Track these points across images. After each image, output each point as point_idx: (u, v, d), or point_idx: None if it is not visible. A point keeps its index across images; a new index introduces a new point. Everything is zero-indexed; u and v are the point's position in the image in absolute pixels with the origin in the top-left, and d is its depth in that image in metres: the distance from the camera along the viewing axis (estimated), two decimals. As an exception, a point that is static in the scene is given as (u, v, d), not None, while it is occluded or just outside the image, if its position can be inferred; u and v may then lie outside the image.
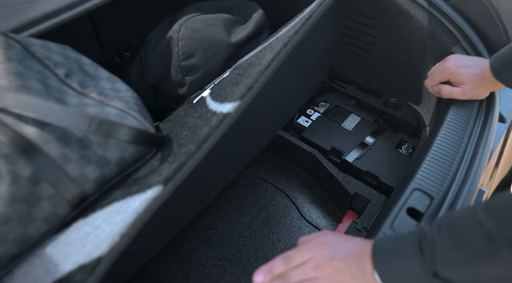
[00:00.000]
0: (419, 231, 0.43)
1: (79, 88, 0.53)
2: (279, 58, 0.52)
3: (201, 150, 0.46)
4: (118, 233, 0.40)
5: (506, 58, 0.65)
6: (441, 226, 0.41)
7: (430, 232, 0.42)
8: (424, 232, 0.42)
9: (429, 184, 0.61)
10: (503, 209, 0.36)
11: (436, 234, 0.41)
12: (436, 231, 0.41)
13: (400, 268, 0.42)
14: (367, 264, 0.45)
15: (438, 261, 0.39)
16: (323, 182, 1.01)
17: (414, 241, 0.42)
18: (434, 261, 0.39)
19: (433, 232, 0.41)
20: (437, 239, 0.40)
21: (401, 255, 0.42)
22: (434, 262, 0.39)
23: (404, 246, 0.43)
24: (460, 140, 0.67)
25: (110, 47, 1.06)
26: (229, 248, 0.93)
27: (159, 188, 0.43)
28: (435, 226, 0.42)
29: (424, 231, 0.42)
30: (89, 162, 0.47)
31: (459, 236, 0.39)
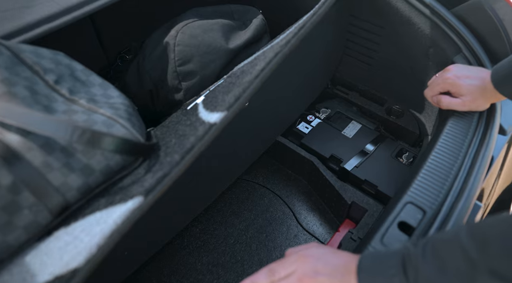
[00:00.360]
0: (404, 251, 0.42)
1: (68, 95, 0.53)
2: (268, 68, 0.52)
3: (185, 160, 0.46)
4: (95, 244, 0.40)
5: (507, 70, 0.63)
6: (426, 248, 0.40)
7: (414, 253, 0.41)
8: (409, 252, 0.42)
9: (422, 197, 0.59)
10: (487, 235, 0.35)
11: (420, 256, 0.40)
12: (421, 253, 0.40)
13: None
14: (352, 280, 0.44)
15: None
16: (321, 189, 1.00)
17: (399, 262, 0.42)
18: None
19: (418, 253, 0.41)
20: (421, 261, 0.39)
21: (385, 275, 0.42)
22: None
23: (389, 266, 0.42)
24: (457, 153, 0.65)
25: (112, 50, 1.07)
26: (224, 254, 0.93)
27: (140, 199, 0.43)
28: (420, 247, 0.41)
29: (409, 251, 0.42)
30: (73, 170, 0.46)
31: (443, 259, 0.38)
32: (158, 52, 0.77)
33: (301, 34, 0.55)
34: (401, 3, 0.86)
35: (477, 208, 0.63)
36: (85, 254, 0.40)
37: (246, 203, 1.03)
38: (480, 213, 0.64)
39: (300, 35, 0.55)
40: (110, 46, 1.06)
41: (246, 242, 0.95)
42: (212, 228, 0.98)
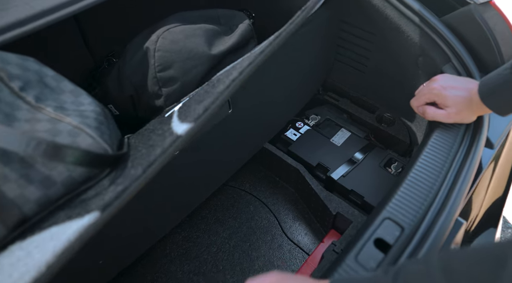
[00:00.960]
0: (373, 278, 0.40)
1: (34, 103, 0.51)
2: (239, 79, 0.50)
3: (146, 174, 0.44)
4: (45, 262, 0.38)
5: (495, 82, 0.61)
6: (397, 279, 0.38)
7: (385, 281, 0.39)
8: (378, 280, 0.39)
9: (401, 213, 0.58)
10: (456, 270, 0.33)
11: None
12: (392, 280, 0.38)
13: None
14: None
15: None
16: (308, 198, 0.98)
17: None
18: None
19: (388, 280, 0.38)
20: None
21: None
22: None
23: None
24: (440, 168, 0.63)
25: (100, 53, 1.06)
26: (206, 263, 0.91)
27: (96, 215, 0.41)
28: (391, 276, 0.39)
29: (379, 280, 0.39)
30: (31, 182, 0.45)
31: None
32: (139, 57, 0.75)
33: (276, 43, 0.53)
34: (390, 10, 0.84)
35: (458, 224, 0.61)
36: (33, 273, 0.38)
37: (231, 210, 1.01)
38: (463, 229, 0.62)
39: (276, 44, 0.53)
40: (97, 49, 1.04)
41: (229, 251, 0.93)
42: (195, 235, 0.96)
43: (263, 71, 0.84)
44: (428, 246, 0.54)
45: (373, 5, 0.86)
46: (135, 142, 0.62)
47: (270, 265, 0.91)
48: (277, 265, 0.91)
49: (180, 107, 0.64)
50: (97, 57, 1.06)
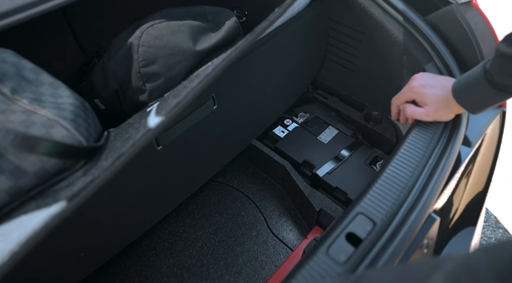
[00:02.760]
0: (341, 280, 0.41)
1: (9, 94, 0.52)
2: (212, 74, 0.50)
3: (114, 166, 0.45)
4: (9, 251, 0.39)
5: (467, 81, 0.61)
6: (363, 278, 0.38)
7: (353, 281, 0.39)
8: None
9: (374, 208, 0.58)
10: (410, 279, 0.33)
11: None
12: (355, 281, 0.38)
13: None
14: None
15: None
16: (293, 194, 0.99)
17: None
18: None
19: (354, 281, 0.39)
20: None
21: None
22: None
23: None
24: (416, 164, 0.63)
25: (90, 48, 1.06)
26: (191, 257, 0.92)
27: (63, 204, 0.42)
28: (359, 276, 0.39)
29: None
30: (1, 172, 0.46)
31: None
32: (123, 53, 0.76)
33: (251, 39, 0.54)
34: (375, 9, 0.84)
35: (431, 220, 0.61)
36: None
37: (218, 206, 1.02)
38: (437, 225, 0.63)
39: (250, 40, 0.54)
40: (87, 44, 1.05)
41: (214, 246, 0.94)
42: (181, 230, 0.97)
43: (252, 68, 0.85)
44: (398, 240, 0.55)
45: (359, 3, 0.87)
46: (114, 135, 0.63)
47: (254, 260, 0.92)
48: (261, 260, 0.91)
49: (159, 103, 0.64)
50: (87, 52, 1.07)
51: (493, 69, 0.57)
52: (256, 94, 0.92)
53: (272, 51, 0.88)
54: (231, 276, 0.89)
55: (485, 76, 0.58)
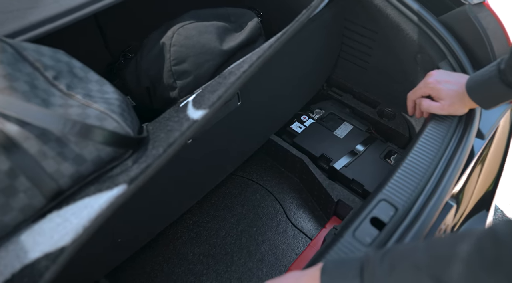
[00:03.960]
0: (364, 257, 0.45)
1: (65, 90, 0.57)
2: (250, 70, 0.55)
3: (166, 153, 0.50)
4: (82, 226, 0.44)
5: (480, 78, 0.66)
6: (385, 255, 0.43)
7: (373, 259, 0.43)
8: (368, 258, 0.44)
9: (396, 195, 0.63)
10: (438, 247, 0.38)
11: (378, 262, 0.42)
12: (379, 259, 0.43)
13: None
14: None
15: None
16: (311, 187, 1.04)
17: (358, 265, 0.44)
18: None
19: (376, 259, 0.43)
20: (377, 266, 0.42)
21: (344, 277, 0.44)
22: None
23: (348, 269, 0.45)
24: (434, 154, 0.68)
25: (116, 48, 1.12)
26: (215, 246, 0.97)
27: (124, 187, 0.47)
28: (380, 254, 0.43)
29: (368, 257, 0.44)
30: (66, 159, 0.51)
31: (395, 265, 0.40)
32: (155, 52, 0.81)
33: (283, 39, 0.59)
34: (391, 10, 0.89)
35: (448, 206, 0.66)
36: (72, 234, 0.44)
37: (239, 198, 1.07)
38: (453, 211, 0.67)
39: (283, 40, 0.59)
40: (114, 45, 1.11)
41: (236, 235, 0.99)
42: (205, 220, 1.02)
43: (272, 67, 0.90)
44: (419, 225, 0.59)
45: (375, 4, 0.91)
46: (152, 129, 0.68)
47: (275, 248, 0.97)
48: (282, 248, 0.96)
49: (194, 97, 0.69)
50: (113, 52, 1.12)
51: (508, 69, 0.61)
52: (277, 91, 0.97)
53: (292, 50, 0.92)
54: (254, 263, 0.94)
55: (499, 76, 0.63)
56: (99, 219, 0.45)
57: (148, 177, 0.48)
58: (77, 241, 0.44)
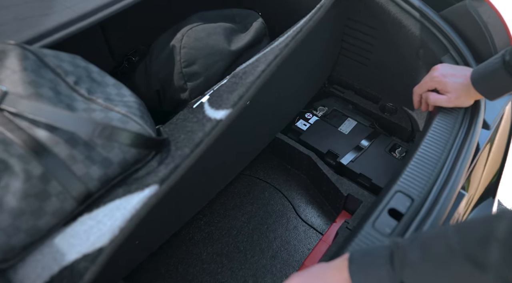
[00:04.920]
0: (392, 244, 0.46)
1: (87, 95, 0.58)
2: (269, 69, 0.57)
3: (194, 153, 0.51)
4: (117, 227, 0.45)
5: (485, 70, 0.68)
6: (414, 240, 0.44)
7: (402, 245, 0.45)
8: (397, 245, 0.45)
9: (411, 186, 0.65)
10: (471, 230, 0.39)
11: (408, 247, 0.44)
12: (409, 244, 0.44)
13: (372, 277, 0.45)
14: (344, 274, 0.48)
15: (406, 272, 0.42)
16: (319, 183, 1.05)
17: (387, 253, 0.45)
18: (402, 272, 0.43)
19: (406, 244, 0.44)
20: (408, 251, 0.43)
21: (374, 265, 0.45)
22: (402, 272, 0.43)
23: (377, 256, 0.46)
24: (444, 146, 0.70)
25: (119, 53, 1.12)
26: (228, 244, 0.98)
27: (156, 187, 0.48)
28: (409, 239, 0.45)
29: (397, 244, 0.45)
30: (94, 162, 0.52)
31: (428, 249, 0.42)
32: (165, 55, 0.82)
33: (298, 38, 0.60)
34: (392, 6, 0.91)
35: (461, 196, 0.68)
36: (108, 235, 0.45)
37: (248, 197, 1.08)
38: (465, 201, 0.70)
39: (298, 38, 0.60)
40: (117, 49, 1.11)
41: (248, 233, 1.00)
42: (216, 220, 1.03)
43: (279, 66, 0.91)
44: (435, 214, 0.61)
45: (377, 2, 0.93)
46: (169, 130, 0.69)
47: (287, 244, 0.98)
48: (294, 244, 0.98)
49: (208, 98, 0.71)
50: (115, 56, 1.12)
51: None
52: (283, 90, 0.98)
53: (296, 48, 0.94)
54: (267, 260, 0.95)
55: (504, 67, 0.65)
56: (134, 220, 0.46)
57: (178, 177, 0.50)
58: (115, 242, 0.45)
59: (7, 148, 0.47)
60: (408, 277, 0.42)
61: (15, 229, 0.46)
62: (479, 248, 0.37)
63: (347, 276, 0.48)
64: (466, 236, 0.39)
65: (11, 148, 0.47)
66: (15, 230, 0.46)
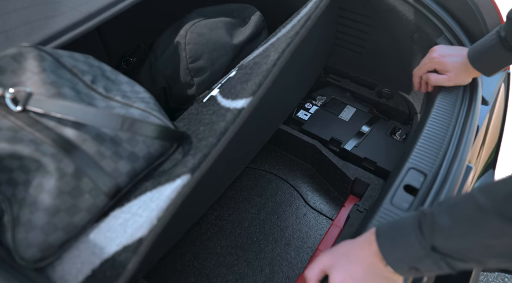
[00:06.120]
0: (419, 213, 0.48)
1: (104, 93, 0.58)
2: (283, 57, 0.58)
3: (221, 142, 0.52)
4: (155, 217, 0.46)
5: (479, 49, 0.72)
6: (441, 205, 0.46)
7: (429, 211, 0.46)
8: (424, 212, 0.47)
9: (422, 162, 0.67)
10: (497, 188, 0.41)
11: (436, 212, 0.45)
12: (436, 210, 0.46)
13: (401, 246, 0.47)
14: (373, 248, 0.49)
15: (436, 236, 0.44)
16: (325, 170, 1.08)
17: (414, 221, 0.47)
18: (432, 237, 0.44)
19: (433, 211, 0.46)
20: (436, 216, 0.45)
21: (402, 235, 0.47)
22: (433, 237, 0.44)
23: (405, 227, 0.48)
24: (448, 123, 0.73)
25: (116, 55, 1.12)
26: (241, 236, 1.00)
27: (187, 177, 0.49)
28: (435, 206, 0.47)
29: (424, 212, 0.47)
30: (121, 158, 0.52)
31: (456, 212, 0.44)
32: (170, 52, 0.83)
33: (308, 25, 0.62)
34: (385, -7, 0.94)
35: (469, 169, 0.72)
36: (147, 226, 0.46)
37: (255, 189, 1.10)
38: (473, 173, 0.73)
39: (308, 25, 0.62)
40: (114, 51, 1.11)
41: (259, 224, 1.02)
42: (227, 214, 1.04)
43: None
44: (448, 187, 0.64)
45: (369, -10, 0.96)
46: (183, 125, 0.70)
47: (299, 231, 1.00)
48: (305, 231, 1.00)
49: (219, 91, 0.72)
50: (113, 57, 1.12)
51: (508, 36, 0.67)
52: (285, 82, 1.00)
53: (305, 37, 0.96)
54: (281, 248, 0.97)
55: (501, 43, 0.69)
56: (171, 208, 0.47)
57: (208, 165, 0.51)
58: (154, 231, 0.46)
59: (39, 147, 0.47)
60: (440, 240, 0.44)
61: (52, 227, 0.47)
62: (508, 203, 0.39)
63: (376, 248, 0.49)
64: (494, 194, 0.41)
65: (42, 147, 0.47)
66: (52, 228, 0.47)
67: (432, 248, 0.44)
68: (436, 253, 0.44)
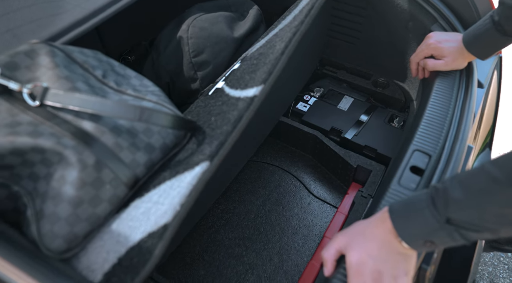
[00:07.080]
0: (431, 188, 0.49)
1: (116, 87, 0.59)
2: (291, 45, 0.60)
3: (237, 129, 0.54)
4: (178, 203, 0.47)
5: (474, 33, 0.75)
6: (453, 180, 0.48)
7: (442, 186, 0.48)
8: (436, 188, 0.49)
9: (426, 144, 0.70)
10: (508, 160, 0.43)
11: (449, 186, 0.47)
12: (449, 184, 0.47)
13: (416, 221, 0.48)
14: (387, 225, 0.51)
15: (450, 208, 0.46)
16: (327, 160, 1.10)
17: (427, 197, 0.48)
18: (446, 209, 0.46)
19: (446, 185, 0.48)
20: (449, 190, 0.46)
21: (416, 211, 0.49)
22: (447, 210, 0.46)
23: (418, 202, 0.49)
24: (448, 105, 0.76)
25: (114, 53, 1.12)
26: (248, 228, 1.01)
27: (207, 164, 0.51)
28: (447, 181, 0.48)
29: (436, 187, 0.49)
30: (139, 149, 0.53)
31: (469, 184, 0.45)
32: (173, 47, 0.84)
33: (312, 14, 0.64)
34: (379, -17, 0.96)
35: (470, 149, 0.74)
36: (171, 212, 0.47)
37: (259, 181, 1.11)
38: (473, 153, 0.76)
39: (312, 15, 0.64)
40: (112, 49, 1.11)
41: (265, 215, 1.03)
42: (232, 207, 1.06)
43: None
44: (451, 166, 0.67)
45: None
46: (193, 117, 0.71)
47: (305, 220, 1.02)
48: (311, 220, 1.02)
49: (225, 83, 0.73)
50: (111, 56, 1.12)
51: (502, 20, 0.70)
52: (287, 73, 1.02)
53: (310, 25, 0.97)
54: (288, 237, 0.99)
55: (495, 27, 0.71)
56: (193, 194, 0.48)
57: (226, 152, 0.52)
58: (178, 217, 0.47)
59: (60, 140, 0.48)
60: (454, 212, 0.46)
61: (76, 218, 0.47)
62: None
63: (390, 226, 0.51)
64: (506, 166, 0.43)
65: (63, 140, 0.48)
66: (77, 219, 0.47)
67: (447, 220, 0.46)
68: (450, 225, 0.46)
